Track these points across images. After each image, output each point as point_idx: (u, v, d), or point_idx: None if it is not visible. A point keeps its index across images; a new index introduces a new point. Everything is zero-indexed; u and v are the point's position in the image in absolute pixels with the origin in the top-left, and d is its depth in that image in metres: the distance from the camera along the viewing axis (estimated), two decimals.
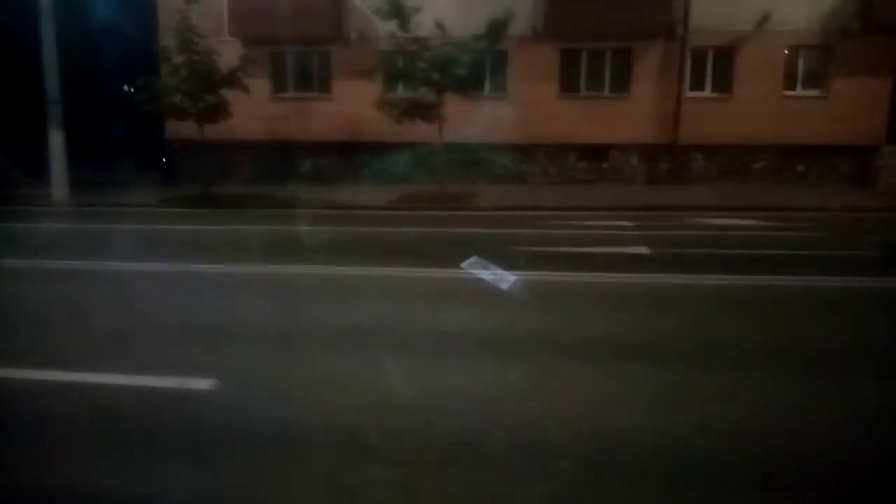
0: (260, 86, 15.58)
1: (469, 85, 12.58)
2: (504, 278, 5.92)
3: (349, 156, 15.47)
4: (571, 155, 14.97)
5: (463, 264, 6.49)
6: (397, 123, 12.64)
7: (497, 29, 12.15)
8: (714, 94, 14.32)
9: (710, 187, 13.81)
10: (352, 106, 14.69)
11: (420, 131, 12.95)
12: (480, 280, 5.98)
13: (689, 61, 14.11)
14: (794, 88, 14.06)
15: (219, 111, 13.06)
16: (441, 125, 12.66)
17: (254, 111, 15.15)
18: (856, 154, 13.97)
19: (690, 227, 9.49)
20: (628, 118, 14.51)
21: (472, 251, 7.46)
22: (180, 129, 14.36)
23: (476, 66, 12.62)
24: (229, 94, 13.18)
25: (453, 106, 13.05)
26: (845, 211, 11.11)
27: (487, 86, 14.99)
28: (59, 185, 13.71)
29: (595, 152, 14.89)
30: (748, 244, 8.07)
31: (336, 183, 14.54)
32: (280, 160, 15.69)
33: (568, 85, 14.72)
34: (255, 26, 15.08)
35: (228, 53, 13.87)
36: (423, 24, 12.55)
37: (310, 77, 15.91)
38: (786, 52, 13.92)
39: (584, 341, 4.37)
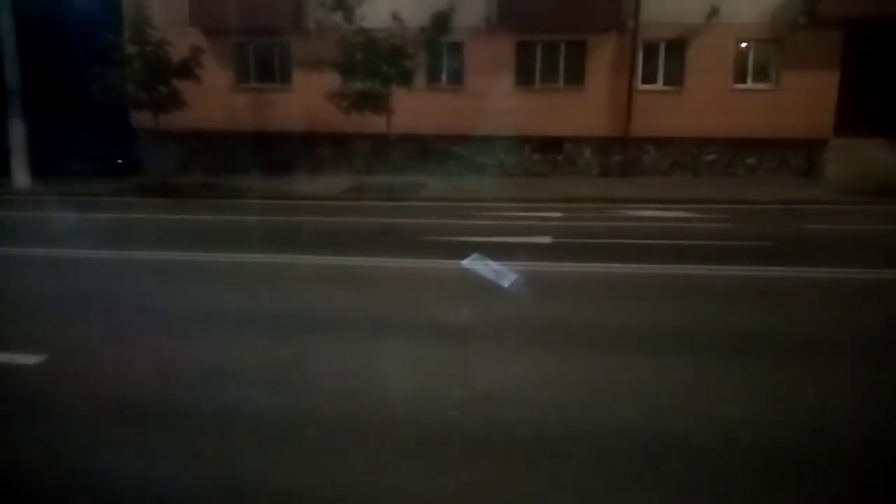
0: (223, 76, 15.83)
1: (416, 77, 12.74)
2: (389, 265, 6.16)
3: (309, 146, 15.66)
4: (526, 147, 15.14)
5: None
6: (346, 114, 12.85)
7: (441, 21, 12.30)
8: (666, 87, 14.44)
9: (659, 180, 13.99)
10: (311, 97, 14.81)
11: (376, 123, 13.14)
12: (366, 268, 6.23)
13: (640, 54, 14.23)
14: (744, 81, 14.17)
15: (173, 101, 13.28)
16: (389, 117, 12.86)
17: (218, 101, 15.39)
18: (805, 147, 14.10)
19: (613, 218, 9.69)
20: (582, 111, 14.65)
21: (381, 240, 7.71)
22: (147, 119, 14.55)
23: (426, 58, 12.75)
24: (188, 85, 13.39)
25: (409, 97, 13.23)
26: (781, 203, 11.29)
27: (444, 78, 15.17)
28: (20, 174, 14.02)
29: (550, 144, 15.06)
30: (658, 235, 8.26)
31: (294, 173, 14.76)
32: (243, 150, 15.89)
33: (523, 77, 14.85)
34: (216, 17, 15.21)
35: (190, 44, 14.01)
36: (380, 16, 12.73)
37: (271, 68, 16.09)
38: (737, 45, 14.03)
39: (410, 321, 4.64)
